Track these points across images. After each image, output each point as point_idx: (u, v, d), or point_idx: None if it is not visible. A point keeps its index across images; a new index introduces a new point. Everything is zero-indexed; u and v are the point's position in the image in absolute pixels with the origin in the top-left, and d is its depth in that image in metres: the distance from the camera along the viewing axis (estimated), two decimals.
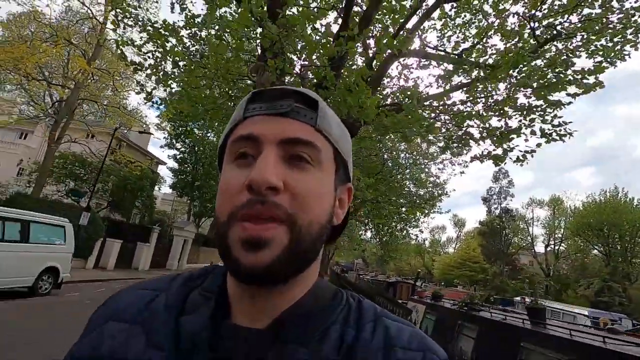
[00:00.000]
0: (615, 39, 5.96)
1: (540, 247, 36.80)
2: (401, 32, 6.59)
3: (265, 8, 3.49)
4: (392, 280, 15.99)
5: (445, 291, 16.67)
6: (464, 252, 49.03)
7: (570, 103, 4.95)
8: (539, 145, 4.72)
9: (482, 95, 5.47)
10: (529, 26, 5.69)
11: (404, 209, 15.60)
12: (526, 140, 4.85)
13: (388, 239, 15.84)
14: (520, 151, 4.73)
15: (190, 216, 30.21)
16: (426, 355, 0.45)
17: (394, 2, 4.27)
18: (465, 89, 5.75)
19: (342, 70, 4.37)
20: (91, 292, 10.39)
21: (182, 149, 29.14)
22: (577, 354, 3.29)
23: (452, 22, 7.50)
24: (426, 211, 16.22)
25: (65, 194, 17.48)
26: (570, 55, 5.55)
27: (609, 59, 5.95)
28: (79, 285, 11.27)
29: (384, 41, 3.37)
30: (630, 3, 5.87)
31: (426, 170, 15.98)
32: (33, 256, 8.20)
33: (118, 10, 5.56)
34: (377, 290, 14.73)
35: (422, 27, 7.08)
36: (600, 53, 6.00)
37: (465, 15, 7.57)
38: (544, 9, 6.26)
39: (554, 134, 4.76)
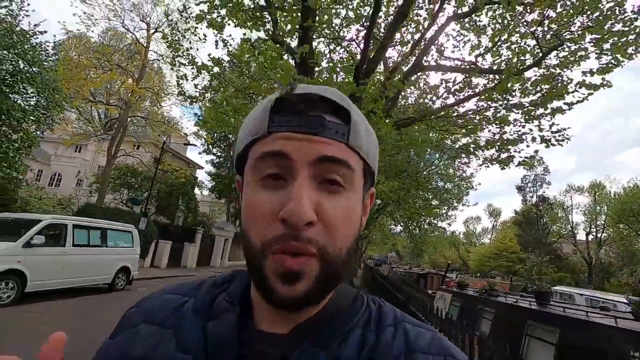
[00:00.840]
0: (622, 41, 6.40)
1: (582, 236, 35.54)
2: (415, 49, 7.35)
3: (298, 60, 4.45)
4: (423, 272, 16.62)
5: (480, 282, 16.99)
6: (500, 242, 48.10)
7: (571, 109, 5.52)
8: (536, 151, 5.37)
9: (491, 106, 6.14)
10: (534, 37, 6.27)
11: (434, 203, 16.13)
12: (527, 146, 5.50)
13: (416, 233, 16.46)
14: (521, 157, 5.41)
15: (228, 217, 32.10)
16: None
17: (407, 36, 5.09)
18: (476, 98, 6.44)
19: (362, 100, 5.25)
20: (155, 287, 12.00)
21: (218, 154, 31.04)
22: (564, 324, 4.03)
23: (467, 31, 8.10)
24: (455, 204, 16.64)
25: (124, 202, 19.57)
26: (572, 65, 6.08)
27: (614, 61, 6.42)
28: (144, 282, 12.94)
29: (393, 83, 4.23)
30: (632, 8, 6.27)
31: (453, 164, 16.36)
32: (111, 258, 9.78)
33: (177, 53, 6.79)
34: (405, 281, 15.44)
35: (437, 40, 7.75)
36: (608, 53, 6.47)
37: (480, 21, 8.14)
38: (552, 16, 6.78)
39: (553, 139, 5.39)
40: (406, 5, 5.58)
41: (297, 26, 5.05)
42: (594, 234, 33.13)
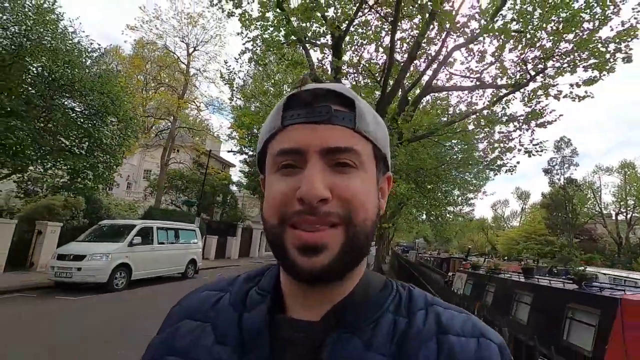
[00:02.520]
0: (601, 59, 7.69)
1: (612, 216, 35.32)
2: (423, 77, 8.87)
3: None
4: (446, 257, 18.11)
5: (507, 265, 18.27)
6: (529, 225, 48.05)
7: (554, 121, 6.96)
8: (517, 162, 6.91)
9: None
10: (521, 66, 7.67)
11: (456, 193, 17.45)
12: (514, 156, 7.04)
13: (438, 221, 17.91)
14: (506, 166, 6.95)
15: (261, 212, 34.59)
16: (480, 341, 0.45)
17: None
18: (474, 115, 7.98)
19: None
20: (213, 275, 14.34)
21: (250, 152, 33.39)
22: (536, 291, 5.66)
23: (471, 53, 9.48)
24: (472, 196, 17.87)
25: (180, 203, 22.23)
26: (555, 83, 7.46)
27: (596, 76, 7.74)
28: (204, 272, 15.33)
29: (404, 125, 5.87)
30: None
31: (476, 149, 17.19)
32: (183, 252, 12.08)
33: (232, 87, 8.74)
34: (423, 264, 17.05)
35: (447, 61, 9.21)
36: (592, 68, 7.79)
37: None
38: (539, 40, 8.10)
39: (533, 150, 6.89)
40: (414, 50, 7.16)
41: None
42: (624, 214, 32.99)
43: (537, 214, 46.56)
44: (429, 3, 5.92)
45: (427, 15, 6.28)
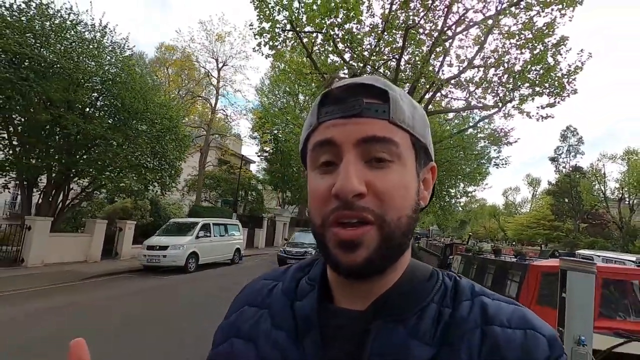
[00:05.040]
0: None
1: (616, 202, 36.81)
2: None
3: None
4: (450, 243, 20.43)
5: (506, 249, 20.58)
6: (538, 211, 49.70)
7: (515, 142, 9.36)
8: (488, 173, 9.34)
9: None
10: (496, 93, 10.06)
11: (461, 185, 19.84)
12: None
13: (441, 213, 20.41)
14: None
15: (283, 204, 37.44)
16: (528, 334, 0.44)
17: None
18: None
19: None
20: (253, 261, 17.29)
21: (270, 150, 36.18)
22: (497, 264, 8.25)
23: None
24: (474, 187, 20.19)
25: (219, 202, 25.39)
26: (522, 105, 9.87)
27: (554, 102, 10.09)
28: (246, 258, 18.31)
29: None
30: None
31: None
32: (230, 243, 14.98)
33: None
34: (422, 248, 19.52)
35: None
36: (552, 95, 10.13)
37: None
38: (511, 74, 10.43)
39: (500, 164, 9.32)
40: (413, 88, 9.61)
41: None
42: (627, 200, 34.47)
43: (545, 200, 48.15)
44: (418, 64, 8.36)
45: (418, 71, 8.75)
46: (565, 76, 9.62)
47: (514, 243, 45.31)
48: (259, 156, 30.17)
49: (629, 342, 4.13)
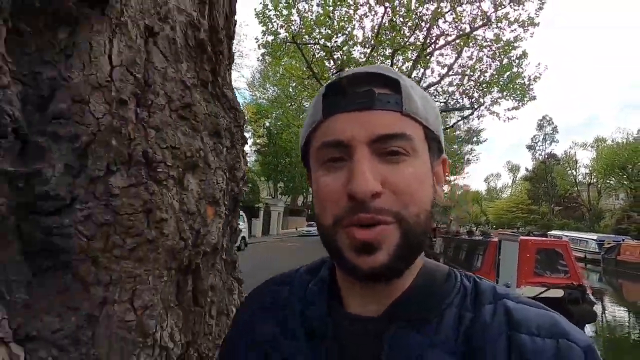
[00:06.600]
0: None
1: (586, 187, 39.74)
2: None
3: None
4: (433, 227, 22.45)
5: (494, 232, 22.67)
6: (517, 196, 52.69)
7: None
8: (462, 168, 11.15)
9: None
10: (468, 97, 11.82)
11: None
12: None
13: None
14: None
15: (276, 194, 39.00)
16: (560, 344, 0.39)
17: None
18: None
19: None
20: (255, 249, 18.98)
21: (262, 143, 37.46)
22: (468, 242, 10.12)
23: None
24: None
25: None
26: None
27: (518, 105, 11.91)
28: (250, 246, 19.86)
29: None
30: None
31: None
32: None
33: None
34: None
35: None
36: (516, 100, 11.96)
37: None
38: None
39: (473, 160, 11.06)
40: None
41: None
42: (596, 185, 37.40)
43: (523, 186, 51.10)
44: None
45: None
46: (528, 83, 11.43)
47: (494, 227, 48.18)
48: (253, 150, 31.46)
49: (548, 290, 5.97)
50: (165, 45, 0.61)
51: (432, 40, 11.12)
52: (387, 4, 9.32)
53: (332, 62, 12.30)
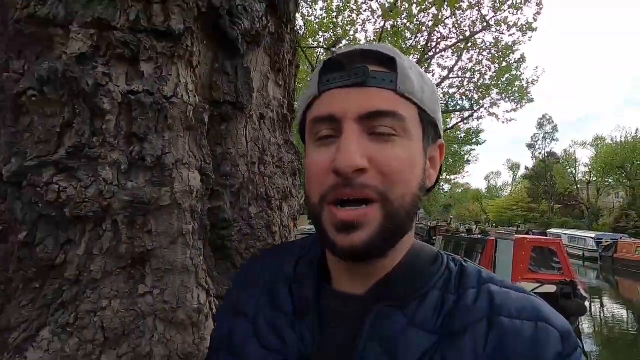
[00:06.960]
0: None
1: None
2: None
3: None
4: (433, 225, 22.86)
5: (492, 230, 23.06)
6: (517, 194, 52.90)
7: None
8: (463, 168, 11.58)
9: None
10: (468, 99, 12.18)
11: (444, 174, 22.12)
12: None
13: (427, 198, 22.81)
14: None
15: None
16: (539, 326, 0.40)
17: None
18: None
19: None
20: None
21: None
22: (468, 240, 10.52)
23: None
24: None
25: None
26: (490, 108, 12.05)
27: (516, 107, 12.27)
28: None
29: None
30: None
31: None
32: None
33: None
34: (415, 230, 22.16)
35: None
36: (515, 102, 12.32)
37: None
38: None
39: (472, 160, 11.52)
40: None
41: None
42: (596, 183, 37.64)
43: (523, 184, 51.33)
44: None
45: None
46: (526, 86, 11.78)
47: (494, 225, 48.54)
48: None
49: (542, 286, 6.36)
50: (269, 123, 1.00)
51: (433, 45, 11.46)
52: (392, 21, 9.65)
53: None
